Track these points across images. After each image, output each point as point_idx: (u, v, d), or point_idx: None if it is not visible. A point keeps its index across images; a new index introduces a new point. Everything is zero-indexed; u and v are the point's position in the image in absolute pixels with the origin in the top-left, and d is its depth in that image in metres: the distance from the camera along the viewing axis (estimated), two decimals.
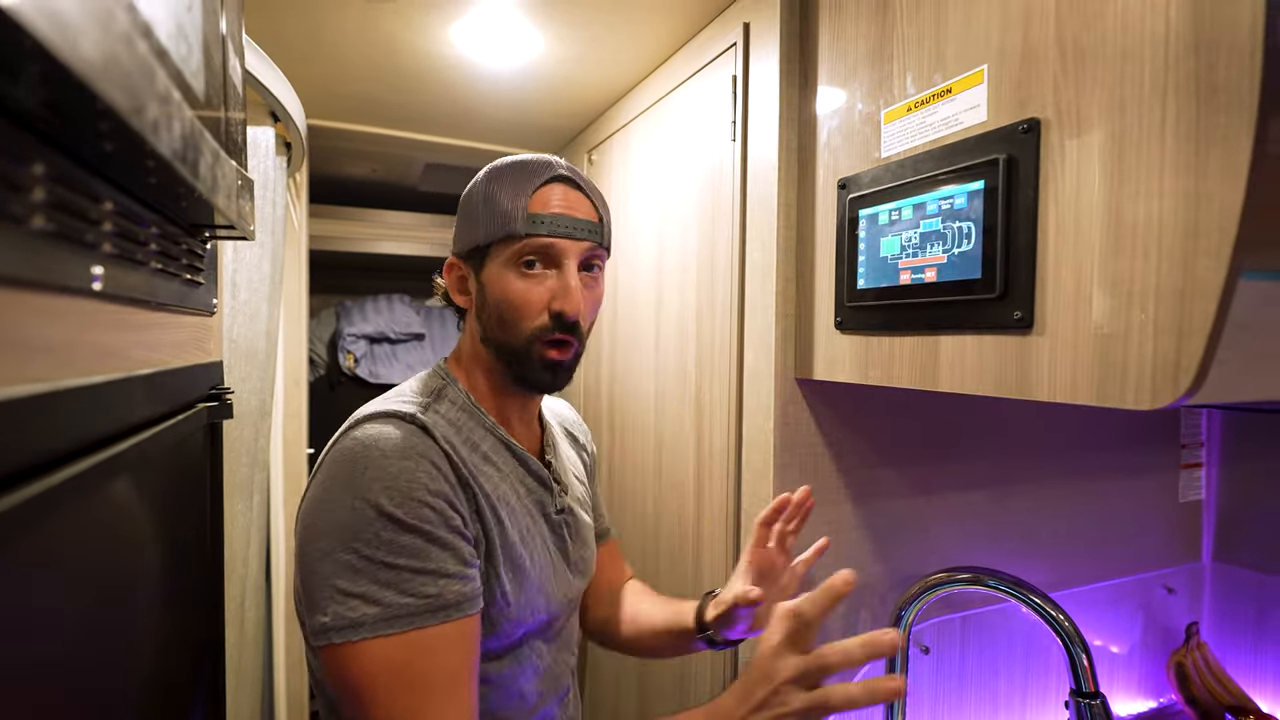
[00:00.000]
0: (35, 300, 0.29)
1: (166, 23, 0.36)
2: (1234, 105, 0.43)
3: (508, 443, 0.69)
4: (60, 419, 0.31)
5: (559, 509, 0.72)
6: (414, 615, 0.54)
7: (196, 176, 0.39)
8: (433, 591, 0.55)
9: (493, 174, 0.68)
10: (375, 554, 0.55)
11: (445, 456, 0.60)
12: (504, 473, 0.67)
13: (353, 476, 0.57)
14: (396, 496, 0.56)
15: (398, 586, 0.54)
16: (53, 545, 0.32)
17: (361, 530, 0.55)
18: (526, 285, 0.65)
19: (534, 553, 0.67)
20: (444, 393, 0.68)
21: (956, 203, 0.62)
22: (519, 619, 0.64)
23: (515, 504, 0.67)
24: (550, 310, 0.65)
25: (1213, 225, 0.44)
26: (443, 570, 0.56)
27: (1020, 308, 0.57)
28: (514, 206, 0.64)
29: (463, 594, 0.57)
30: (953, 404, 0.97)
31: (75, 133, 0.29)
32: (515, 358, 0.67)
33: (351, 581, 0.54)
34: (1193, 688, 1.15)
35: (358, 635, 0.53)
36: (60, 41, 0.21)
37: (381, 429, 0.60)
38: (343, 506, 0.56)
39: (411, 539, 0.55)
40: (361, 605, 0.54)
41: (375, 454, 0.58)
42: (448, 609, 0.55)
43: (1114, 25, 0.50)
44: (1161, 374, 0.47)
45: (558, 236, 0.64)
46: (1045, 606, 0.77)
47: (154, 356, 0.46)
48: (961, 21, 0.63)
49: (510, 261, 0.65)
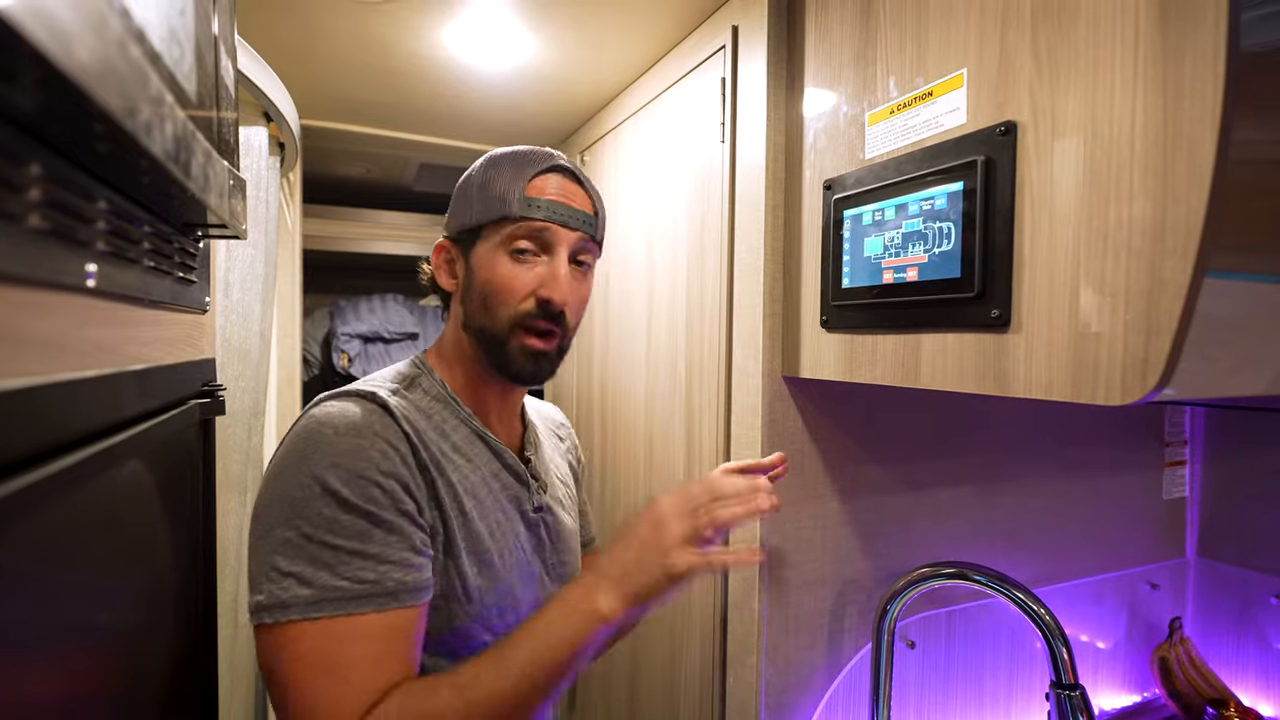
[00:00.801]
0: (30, 296, 0.30)
1: (159, 27, 0.37)
2: (1199, 110, 0.44)
3: (483, 435, 0.68)
4: (54, 412, 0.32)
5: (536, 507, 0.70)
6: (346, 600, 0.52)
7: (188, 176, 0.40)
8: (370, 577, 0.53)
9: (492, 159, 0.68)
10: (315, 532, 0.53)
11: (405, 438, 0.59)
12: (476, 464, 0.66)
13: (304, 453, 0.55)
14: (344, 474, 0.54)
15: (333, 568, 0.52)
16: (45, 536, 0.33)
17: (305, 507, 0.53)
18: (515, 269, 0.64)
19: (504, 550, 0.65)
20: (418, 381, 0.67)
21: (937, 203, 0.63)
22: (483, 618, 0.62)
23: (486, 497, 0.65)
24: (537, 296, 0.64)
25: (1179, 226, 0.45)
26: (384, 556, 0.54)
27: (998, 306, 0.58)
28: (510, 190, 0.64)
29: (403, 583, 0.54)
30: (939, 401, 0.99)
31: (70, 134, 0.30)
32: (496, 344, 0.65)
33: (289, 560, 0.52)
34: (1176, 682, 1.17)
35: (286, 616, 0.51)
36: (56, 47, 0.22)
37: (341, 405, 0.59)
38: (291, 483, 0.54)
39: (354, 519, 0.53)
40: (295, 585, 0.52)
41: (328, 431, 0.56)
42: (384, 597, 0.53)
43: (1085, 33, 0.51)
44: (1131, 371, 0.49)
45: (552, 222, 0.64)
46: (1027, 601, 0.79)
47: (146, 353, 0.47)
48: (941, 26, 0.64)
49: (502, 244, 0.64)
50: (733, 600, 0.92)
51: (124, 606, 0.44)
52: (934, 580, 0.84)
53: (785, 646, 0.88)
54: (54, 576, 0.34)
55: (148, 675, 0.49)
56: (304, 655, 0.51)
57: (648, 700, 1.16)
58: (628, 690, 1.23)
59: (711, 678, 0.96)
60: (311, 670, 0.51)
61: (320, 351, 2.14)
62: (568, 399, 1.58)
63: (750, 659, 0.88)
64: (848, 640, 0.93)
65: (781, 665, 0.88)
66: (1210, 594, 1.26)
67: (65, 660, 0.35)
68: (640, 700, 1.18)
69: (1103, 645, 1.19)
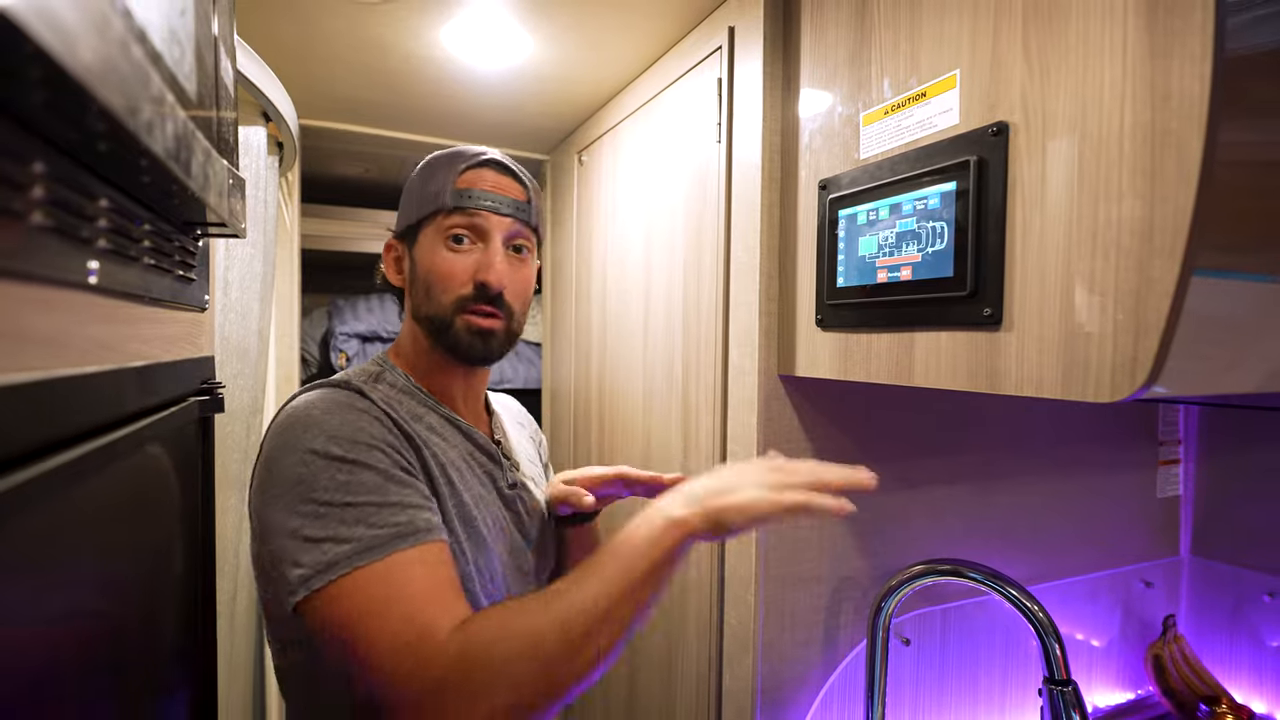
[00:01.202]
0: (33, 292, 0.30)
1: (160, 27, 0.37)
2: (1186, 111, 0.45)
3: (451, 418, 0.71)
4: (56, 407, 0.33)
5: (511, 484, 0.73)
6: (386, 543, 0.53)
7: (188, 175, 0.40)
8: (402, 520, 0.55)
9: (428, 161, 0.72)
10: (335, 497, 0.54)
11: (385, 415, 0.62)
12: (450, 443, 0.68)
13: (295, 437, 0.57)
14: (344, 443, 0.56)
15: (365, 521, 0.54)
16: (48, 529, 0.33)
17: (315, 479, 0.55)
18: (452, 257, 0.68)
19: (488, 520, 0.68)
20: (381, 376, 0.70)
21: (930, 203, 0.64)
22: (475, 583, 0.64)
23: (466, 472, 0.68)
24: (475, 281, 0.67)
25: (1167, 226, 0.46)
26: (405, 501, 0.56)
27: (990, 305, 0.58)
28: (443, 185, 0.68)
29: (431, 521, 0.56)
30: (934, 400, 0.99)
31: (73, 133, 0.30)
32: (443, 328, 0.68)
33: (319, 528, 0.53)
34: (1169, 679, 1.18)
35: (335, 574, 0.52)
36: (60, 47, 0.23)
37: (319, 393, 0.62)
38: (291, 465, 0.56)
39: (369, 475, 0.56)
40: (333, 546, 0.53)
41: (315, 412, 0.58)
42: (419, 533, 0.55)
43: (1075, 34, 0.52)
44: (1120, 369, 0.49)
45: (484, 209, 0.68)
46: (1020, 597, 0.79)
47: (146, 350, 0.47)
48: (935, 27, 0.65)
49: (439, 235, 0.68)
50: (729, 598, 0.92)
51: (124, 598, 0.45)
52: (928, 577, 0.84)
53: (781, 643, 0.89)
54: (55, 569, 0.34)
55: (148, 666, 0.50)
56: (366, 602, 0.51)
57: (645, 697, 1.16)
58: (626, 687, 1.24)
59: (708, 674, 0.96)
60: (380, 612, 0.51)
61: (318, 351, 2.14)
62: (565, 398, 1.59)
63: (746, 656, 0.89)
64: (843, 637, 0.94)
65: (777, 662, 0.89)
66: (1203, 592, 1.27)
67: (66, 649, 0.36)
68: (638, 697, 1.19)
69: (1097, 643, 1.20)
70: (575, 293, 1.53)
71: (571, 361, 1.55)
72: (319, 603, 0.52)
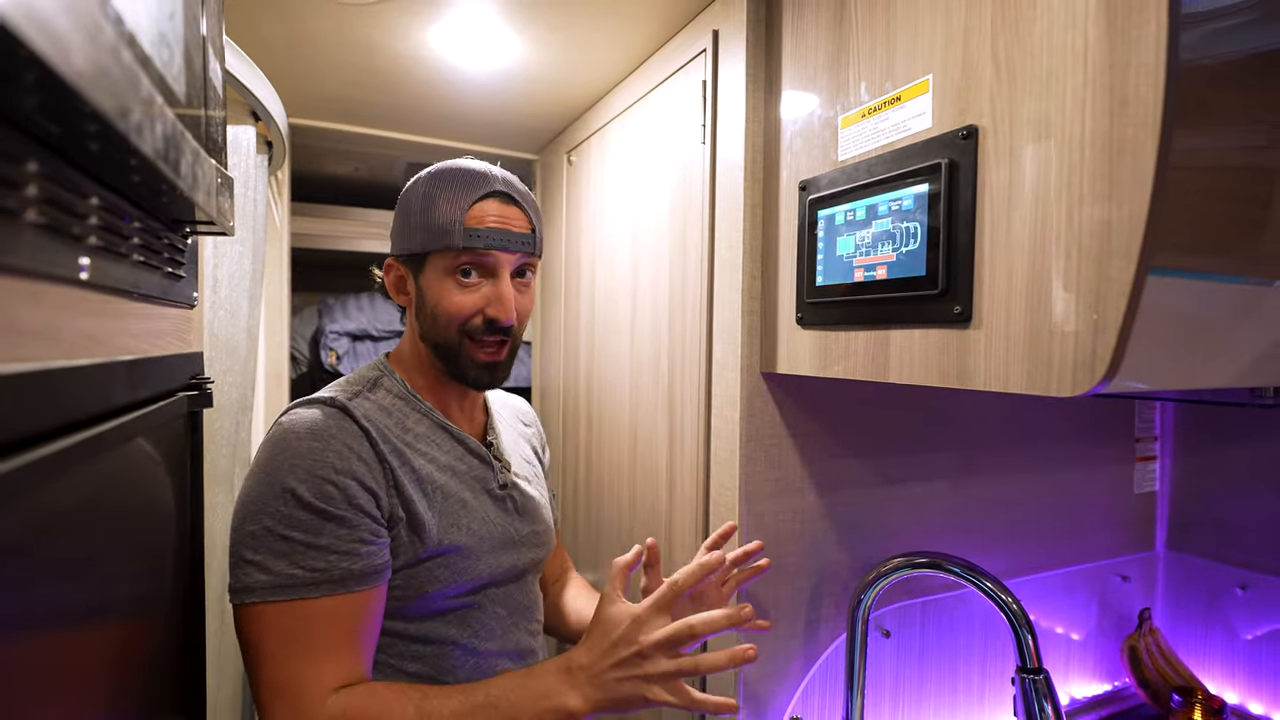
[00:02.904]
0: (26, 286, 0.31)
1: (149, 31, 0.38)
2: (1142, 117, 0.47)
3: (444, 425, 0.74)
4: (47, 397, 0.34)
5: (502, 484, 0.77)
6: (299, 586, 0.59)
7: (178, 175, 0.41)
8: (320, 566, 0.60)
9: (433, 180, 0.72)
10: (275, 527, 0.60)
11: (363, 435, 0.66)
12: (440, 451, 0.72)
13: (272, 456, 0.63)
14: (301, 474, 0.62)
15: (289, 558, 0.60)
16: (37, 518, 0.34)
17: (267, 504, 0.61)
18: (463, 293, 0.70)
19: (473, 523, 0.71)
20: (379, 382, 0.74)
21: (905, 204, 0.66)
22: (456, 583, 0.69)
23: (451, 480, 0.72)
24: (485, 315, 0.71)
25: (1124, 228, 0.48)
26: (332, 547, 0.61)
27: (960, 303, 0.60)
28: (451, 220, 0.69)
29: (349, 571, 0.61)
30: (914, 397, 1.01)
31: (65, 134, 0.31)
32: (450, 356, 0.72)
33: (253, 551, 0.60)
34: (1144, 670, 1.20)
35: (249, 599, 0.59)
36: (53, 53, 0.24)
37: (304, 413, 0.66)
38: (259, 483, 0.62)
39: (308, 516, 0.61)
40: (255, 572, 0.60)
41: (291, 436, 0.64)
42: (330, 584, 0.60)
43: (1040, 42, 0.54)
44: (1081, 364, 0.51)
45: (494, 249, 0.69)
46: (995, 590, 0.81)
47: (136, 344, 0.48)
48: (909, 34, 0.66)
49: (447, 270, 0.70)
50: None
51: (112, 591, 0.46)
52: (906, 570, 0.86)
53: (764, 635, 0.91)
54: (44, 559, 0.35)
55: (136, 660, 0.51)
56: (267, 632, 0.59)
57: None
58: None
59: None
60: (276, 646, 0.58)
61: (308, 349, 2.14)
62: (554, 396, 1.60)
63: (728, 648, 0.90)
64: (824, 629, 0.96)
65: (760, 653, 0.90)
66: (1179, 585, 1.30)
67: (53, 642, 0.37)
68: None
69: (1077, 637, 1.22)
70: (564, 292, 1.54)
71: (560, 359, 1.57)
72: (238, 616, 0.60)
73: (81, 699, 0.41)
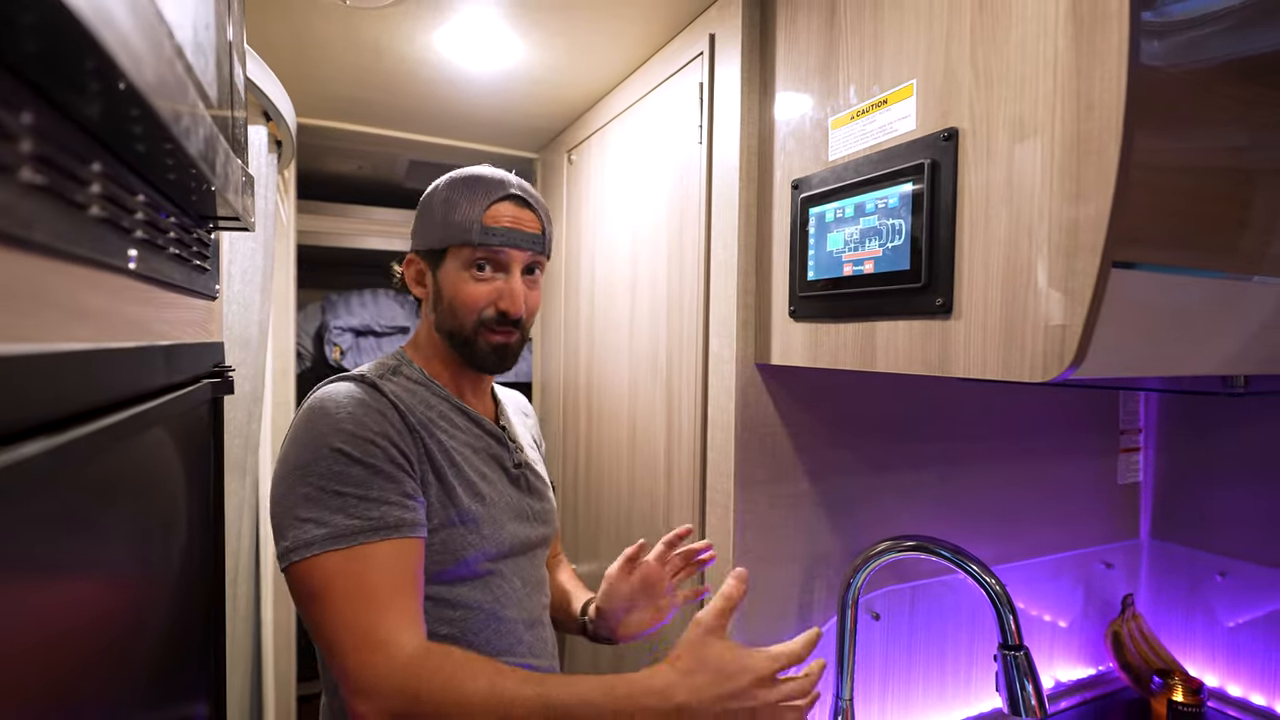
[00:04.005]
0: (87, 274, 0.35)
1: (191, 42, 0.42)
2: (1106, 120, 0.50)
3: (461, 408, 0.79)
4: (101, 375, 0.37)
5: (516, 463, 0.82)
6: (357, 533, 0.63)
7: (213, 173, 0.45)
8: (374, 515, 0.64)
9: (453, 185, 0.78)
10: (327, 484, 0.64)
11: (394, 407, 0.71)
12: (459, 430, 0.77)
13: (312, 425, 0.67)
14: (346, 436, 0.66)
15: (345, 511, 0.64)
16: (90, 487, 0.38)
17: (316, 465, 0.65)
18: (477, 286, 0.76)
19: (494, 494, 0.77)
20: (399, 369, 0.79)
21: (890, 202, 0.69)
22: (484, 549, 0.74)
23: (472, 455, 0.77)
24: (497, 307, 0.76)
25: (1090, 224, 0.52)
26: (384, 498, 0.65)
27: (941, 295, 0.64)
28: (470, 218, 0.75)
29: (401, 519, 0.65)
30: (905, 388, 1.05)
31: (124, 136, 0.35)
32: (465, 343, 0.77)
33: (307, 509, 0.64)
34: (1127, 654, 1.24)
35: (310, 552, 0.62)
36: (133, 69, 0.27)
37: (339, 386, 0.71)
38: (303, 449, 0.66)
39: (359, 470, 0.65)
40: (313, 528, 0.63)
41: (330, 404, 0.69)
42: (387, 529, 0.64)
43: (1015, 50, 0.57)
44: (1051, 352, 0.55)
45: (507, 246, 0.76)
46: (979, 572, 0.85)
47: (170, 331, 0.52)
48: (895, 40, 0.70)
49: (464, 264, 0.76)
50: (709, 573, 0.98)
51: (151, 560, 0.49)
52: (893, 553, 0.90)
53: (757, 617, 0.94)
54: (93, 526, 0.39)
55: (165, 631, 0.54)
56: (332, 580, 0.62)
57: (632, 665, 1.21)
58: (611, 653, 1.29)
59: None
60: (341, 593, 0.61)
61: (312, 345, 2.18)
62: (555, 389, 1.64)
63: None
64: (816, 612, 0.99)
65: (754, 637, 0.94)
66: (1162, 572, 1.34)
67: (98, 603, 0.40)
68: (625, 665, 1.24)
69: (1064, 624, 1.26)
70: (565, 288, 1.58)
71: (561, 354, 1.60)
72: (296, 572, 0.63)
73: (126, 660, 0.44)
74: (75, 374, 0.34)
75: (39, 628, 0.30)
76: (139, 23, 0.28)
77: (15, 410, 0.26)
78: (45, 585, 0.32)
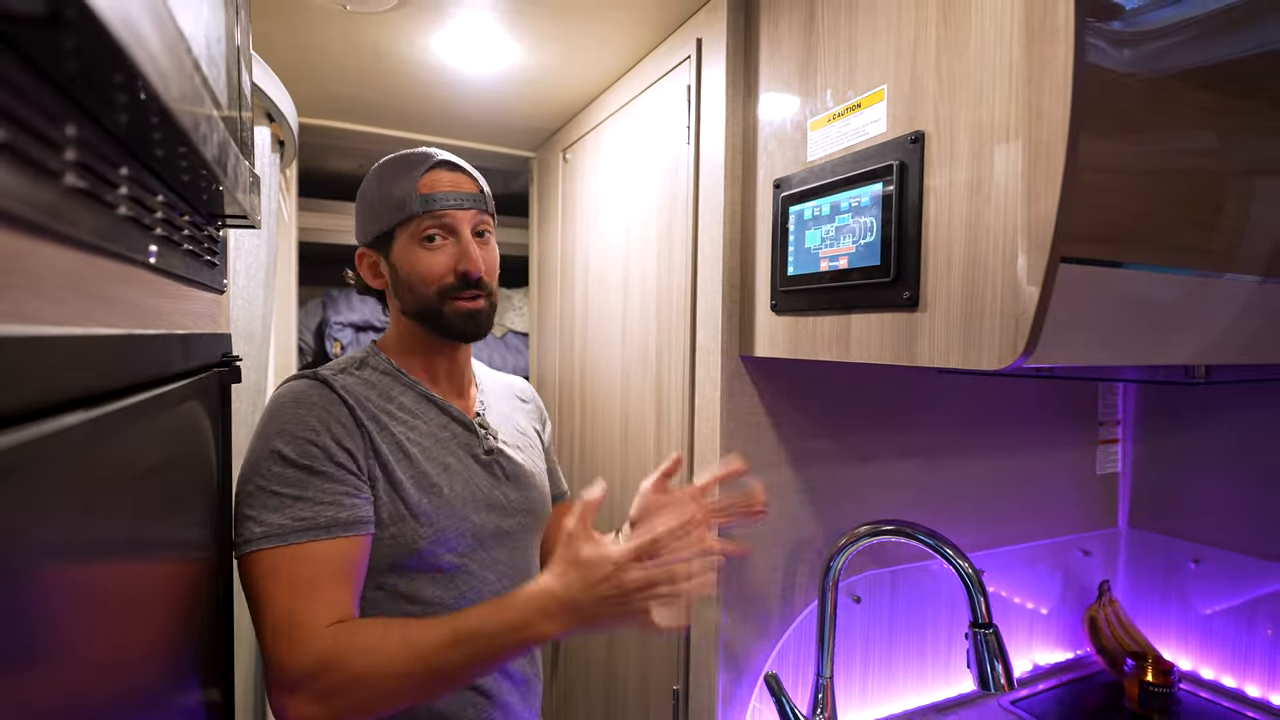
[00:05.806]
0: (117, 268, 0.39)
1: (204, 54, 0.46)
2: (1053, 125, 0.54)
3: (429, 396, 0.81)
4: (132, 358, 0.41)
5: (487, 450, 0.83)
6: (289, 533, 0.67)
7: (225, 174, 0.48)
8: (306, 515, 0.68)
9: (382, 170, 0.81)
10: (266, 485, 0.68)
11: (341, 403, 0.73)
12: (423, 420, 0.79)
13: (263, 425, 0.72)
14: (287, 437, 0.70)
15: (280, 510, 0.67)
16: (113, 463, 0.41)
17: (260, 466, 0.69)
18: (431, 255, 0.78)
19: (455, 485, 0.78)
20: (366, 361, 0.82)
21: (863, 201, 0.73)
22: (440, 541, 0.75)
23: (433, 445, 0.78)
24: (456, 272, 0.77)
25: (1039, 222, 0.56)
26: (317, 499, 0.68)
27: (909, 289, 0.68)
28: (407, 192, 0.77)
29: (334, 519, 0.68)
30: (887, 378, 1.09)
31: (147, 142, 0.38)
32: (434, 315, 0.79)
33: (250, 507, 0.68)
34: (1103, 638, 1.28)
35: (249, 548, 0.66)
36: (160, 83, 0.31)
37: (292, 385, 0.75)
38: (252, 449, 0.71)
39: (294, 472, 0.69)
40: (252, 525, 0.67)
41: (278, 406, 0.73)
42: (318, 529, 0.67)
43: (975, 59, 0.61)
44: (1005, 342, 0.59)
45: (449, 208, 0.77)
46: (954, 555, 0.89)
47: (184, 322, 0.55)
48: (868, 47, 0.74)
49: (413, 239, 0.78)
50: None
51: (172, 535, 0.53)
52: (873, 537, 0.94)
53: (741, 601, 0.98)
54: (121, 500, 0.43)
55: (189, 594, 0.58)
56: (264, 577, 0.66)
57: (623, 650, 1.26)
58: (606, 649, 1.34)
59: (679, 662, 1.05)
60: (273, 588, 0.66)
61: (313, 340, 2.21)
62: (550, 384, 1.68)
63: (711, 612, 0.98)
64: (799, 595, 1.03)
65: (738, 618, 0.98)
66: (1138, 560, 1.38)
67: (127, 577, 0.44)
68: (616, 650, 1.29)
69: (1045, 611, 1.30)
70: (560, 284, 1.61)
71: (556, 349, 1.64)
72: (239, 567, 0.68)
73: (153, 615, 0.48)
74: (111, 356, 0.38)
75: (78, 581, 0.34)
76: (164, 39, 0.31)
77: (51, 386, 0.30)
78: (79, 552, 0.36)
